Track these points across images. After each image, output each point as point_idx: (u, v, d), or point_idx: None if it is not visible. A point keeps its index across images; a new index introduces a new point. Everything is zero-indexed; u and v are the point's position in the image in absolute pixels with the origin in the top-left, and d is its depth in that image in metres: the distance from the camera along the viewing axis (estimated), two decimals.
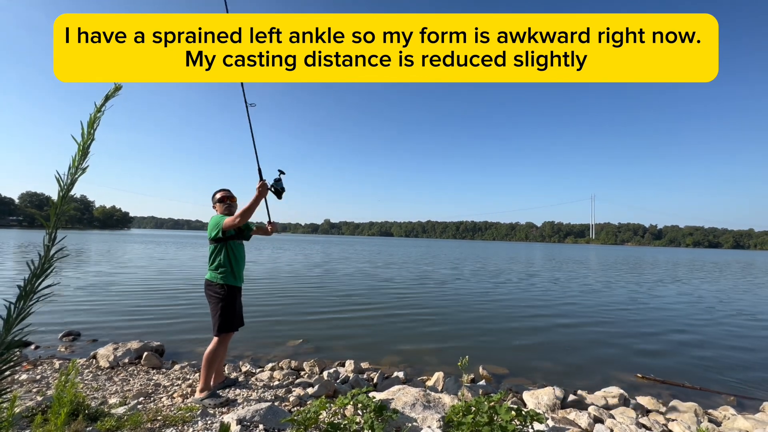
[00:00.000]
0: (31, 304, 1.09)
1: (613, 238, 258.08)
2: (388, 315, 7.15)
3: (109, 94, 1.19)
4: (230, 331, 3.14)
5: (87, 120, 1.15)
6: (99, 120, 1.19)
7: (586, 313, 8.04)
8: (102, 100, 1.19)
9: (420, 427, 2.25)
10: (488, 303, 8.86)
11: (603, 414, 3.06)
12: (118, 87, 1.19)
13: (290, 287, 10.17)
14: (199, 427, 2.39)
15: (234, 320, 3.14)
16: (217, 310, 3.06)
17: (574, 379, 4.27)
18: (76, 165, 1.16)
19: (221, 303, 3.06)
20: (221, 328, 3.06)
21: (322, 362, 4.27)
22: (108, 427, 2.25)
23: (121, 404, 2.80)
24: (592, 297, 10.26)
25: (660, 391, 4.03)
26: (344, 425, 2.14)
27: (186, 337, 5.18)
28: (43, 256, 1.10)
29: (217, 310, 3.06)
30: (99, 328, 5.51)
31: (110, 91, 1.19)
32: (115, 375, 3.60)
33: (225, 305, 3.07)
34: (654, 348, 5.55)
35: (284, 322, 6.27)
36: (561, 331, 6.40)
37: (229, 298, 3.10)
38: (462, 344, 5.43)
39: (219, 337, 3.07)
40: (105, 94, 1.18)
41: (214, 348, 3.06)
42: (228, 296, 3.09)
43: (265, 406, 2.53)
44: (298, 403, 3.17)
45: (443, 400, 2.60)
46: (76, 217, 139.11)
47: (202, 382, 3.05)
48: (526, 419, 2.13)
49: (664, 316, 7.97)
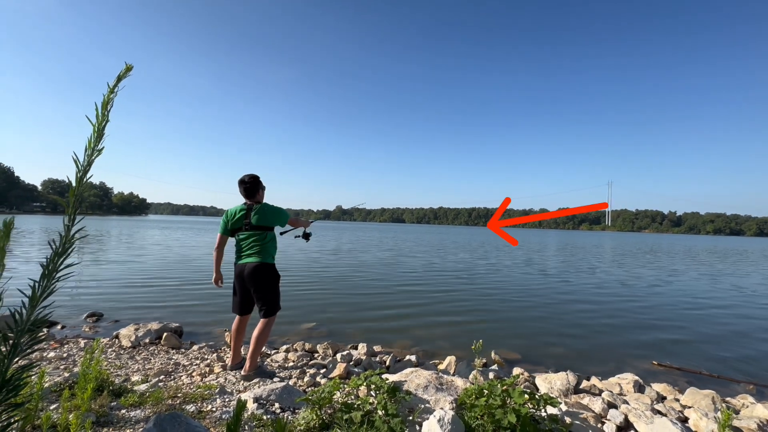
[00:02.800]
0: (54, 283, 1.11)
1: (630, 225, 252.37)
2: (401, 299, 7.19)
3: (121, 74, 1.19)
4: (279, 310, 3.36)
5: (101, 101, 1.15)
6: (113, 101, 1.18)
7: (601, 299, 7.94)
8: (114, 81, 1.18)
9: (432, 409, 2.27)
10: (500, 289, 8.82)
11: (617, 399, 3.04)
12: (129, 67, 1.19)
13: (303, 272, 10.30)
14: (217, 404, 2.46)
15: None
16: (276, 292, 3.30)
17: (588, 365, 4.24)
18: (92, 147, 1.17)
19: (278, 283, 3.33)
20: (277, 308, 3.31)
21: (335, 345, 4.34)
22: (131, 403, 2.34)
23: (143, 381, 2.91)
24: (607, 284, 10.11)
25: (676, 378, 3.97)
26: (357, 405, 2.18)
27: (202, 319, 5.32)
28: (63, 236, 1.12)
29: (276, 291, 3.30)
30: (120, 309, 5.71)
31: (122, 71, 1.18)
32: (136, 354, 3.74)
33: (279, 286, 3.35)
34: (670, 336, 5.45)
35: (297, 306, 6.38)
36: (574, 317, 6.34)
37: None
38: (474, 329, 5.44)
39: (271, 318, 3.27)
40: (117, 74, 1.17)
41: (269, 329, 3.27)
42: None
43: (280, 386, 2.59)
44: (312, 383, 3.24)
45: (456, 383, 2.62)
46: (96, 203, 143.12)
47: (252, 362, 3.20)
48: (539, 403, 2.13)
49: (680, 303, 7.80)
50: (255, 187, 3.25)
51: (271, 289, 3.24)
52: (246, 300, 3.31)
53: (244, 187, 3.23)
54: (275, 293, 3.29)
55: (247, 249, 3.21)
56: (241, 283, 3.26)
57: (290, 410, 2.44)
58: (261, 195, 3.33)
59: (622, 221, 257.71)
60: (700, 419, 2.61)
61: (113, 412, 2.20)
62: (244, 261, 3.22)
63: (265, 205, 3.27)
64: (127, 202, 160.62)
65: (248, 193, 3.24)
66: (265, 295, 3.20)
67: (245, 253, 3.22)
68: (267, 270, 3.21)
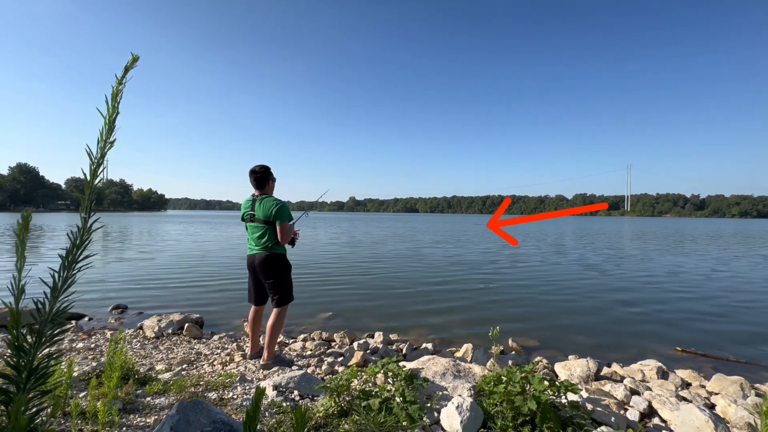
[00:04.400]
0: (74, 273, 1.13)
1: (651, 209, 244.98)
2: (415, 288, 7.19)
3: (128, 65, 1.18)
4: (291, 300, 3.36)
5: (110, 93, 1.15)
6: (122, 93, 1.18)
7: (619, 285, 7.76)
8: (122, 72, 1.18)
9: (450, 396, 2.26)
10: (517, 276, 8.71)
11: (639, 386, 2.97)
12: (136, 58, 1.18)
13: (318, 263, 10.41)
14: (238, 392, 2.52)
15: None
16: (287, 281, 3.29)
17: (608, 352, 4.15)
18: (104, 139, 1.17)
19: (289, 273, 3.32)
20: (289, 297, 3.31)
21: (351, 333, 4.37)
22: (155, 391, 2.41)
23: (166, 370, 2.99)
24: (625, 269, 9.87)
25: (701, 364, 3.86)
26: (375, 392, 2.19)
27: (222, 310, 5.44)
28: (81, 228, 1.14)
29: (287, 281, 3.29)
30: (143, 301, 5.88)
31: (128, 62, 1.18)
32: (160, 344, 3.85)
33: (290, 276, 3.34)
34: (693, 322, 5.29)
35: (313, 295, 6.45)
36: (593, 304, 6.22)
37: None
38: (491, 316, 5.39)
39: (284, 307, 3.28)
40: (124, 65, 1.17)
41: (282, 318, 3.29)
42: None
43: (299, 374, 2.63)
44: (330, 371, 3.28)
45: (473, 370, 2.60)
46: (117, 200, 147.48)
47: (270, 351, 3.24)
48: (559, 389, 2.09)
49: (704, 287, 7.56)
50: (265, 177, 3.21)
51: (281, 279, 3.22)
52: (259, 290, 3.33)
53: (254, 177, 3.20)
54: (286, 283, 3.27)
55: (257, 239, 3.19)
56: (252, 273, 3.28)
57: (309, 397, 2.47)
58: (271, 186, 3.29)
59: (642, 206, 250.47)
60: (728, 406, 2.53)
61: (139, 399, 2.27)
62: (253, 252, 3.23)
63: (270, 199, 3.19)
64: (146, 198, 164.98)
65: (258, 183, 3.22)
66: (276, 285, 3.20)
67: (254, 244, 3.22)
68: (276, 260, 3.20)
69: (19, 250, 1.09)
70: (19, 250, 1.09)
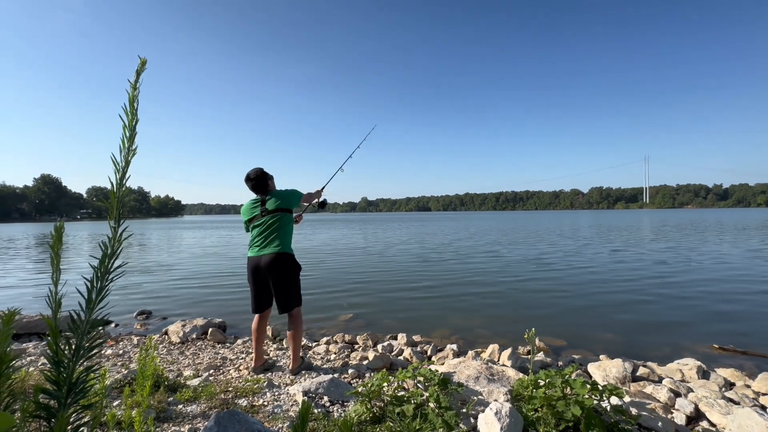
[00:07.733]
0: (108, 284, 1.10)
1: (671, 201, 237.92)
2: (435, 288, 7.09)
3: (138, 69, 1.17)
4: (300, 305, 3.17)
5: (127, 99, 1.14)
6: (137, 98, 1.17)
7: (647, 281, 7.48)
8: (134, 77, 1.16)
9: (486, 401, 2.18)
10: (537, 273, 8.51)
11: (680, 387, 2.82)
12: (144, 61, 1.17)
13: (334, 265, 10.41)
14: (268, 399, 2.49)
15: None
16: (299, 284, 3.11)
17: (641, 351, 3.97)
18: (127, 147, 1.16)
19: (299, 275, 3.13)
20: (300, 299, 3.13)
21: (374, 336, 4.31)
22: (186, 398, 2.40)
23: (194, 376, 2.99)
24: (652, 263, 9.54)
25: (742, 362, 3.66)
26: (407, 398, 2.12)
27: (243, 314, 5.45)
28: (111, 237, 1.11)
29: (299, 283, 3.11)
30: (167, 306, 5.96)
31: (138, 66, 1.16)
32: (186, 349, 3.87)
33: (299, 278, 3.15)
34: (728, 318, 5.05)
35: (333, 297, 6.42)
36: (619, 299, 6.01)
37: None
38: (514, 315, 5.27)
39: (298, 310, 3.10)
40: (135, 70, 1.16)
41: (300, 322, 3.11)
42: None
43: (327, 379, 2.58)
44: (356, 375, 3.23)
45: (507, 373, 2.51)
46: (135, 207, 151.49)
47: (296, 358, 3.13)
48: (603, 393, 1.99)
49: (737, 280, 7.23)
50: (263, 180, 3.08)
51: (293, 281, 3.04)
52: (263, 294, 3.06)
53: (251, 184, 3.07)
54: (299, 284, 3.11)
55: (263, 239, 3.01)
56: (256, 276, 3.01)
57: (339, 403, 2.42)
58: (272, 185, 3.18)
59: (662, 197, 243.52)
60: None
61: (171, 407, 2.26)
62: (260, 253, 2.99)
63: (278, 190, 3.13)
64: (163, 204, 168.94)
65: (258, 189, 3.09)
66: (288, 287, 3.00)
67: (261, 244, 3.01)
68: (287, 260, 3.00)
69: (54, 262, 1.06)
70: (55, 263, 1.07)
